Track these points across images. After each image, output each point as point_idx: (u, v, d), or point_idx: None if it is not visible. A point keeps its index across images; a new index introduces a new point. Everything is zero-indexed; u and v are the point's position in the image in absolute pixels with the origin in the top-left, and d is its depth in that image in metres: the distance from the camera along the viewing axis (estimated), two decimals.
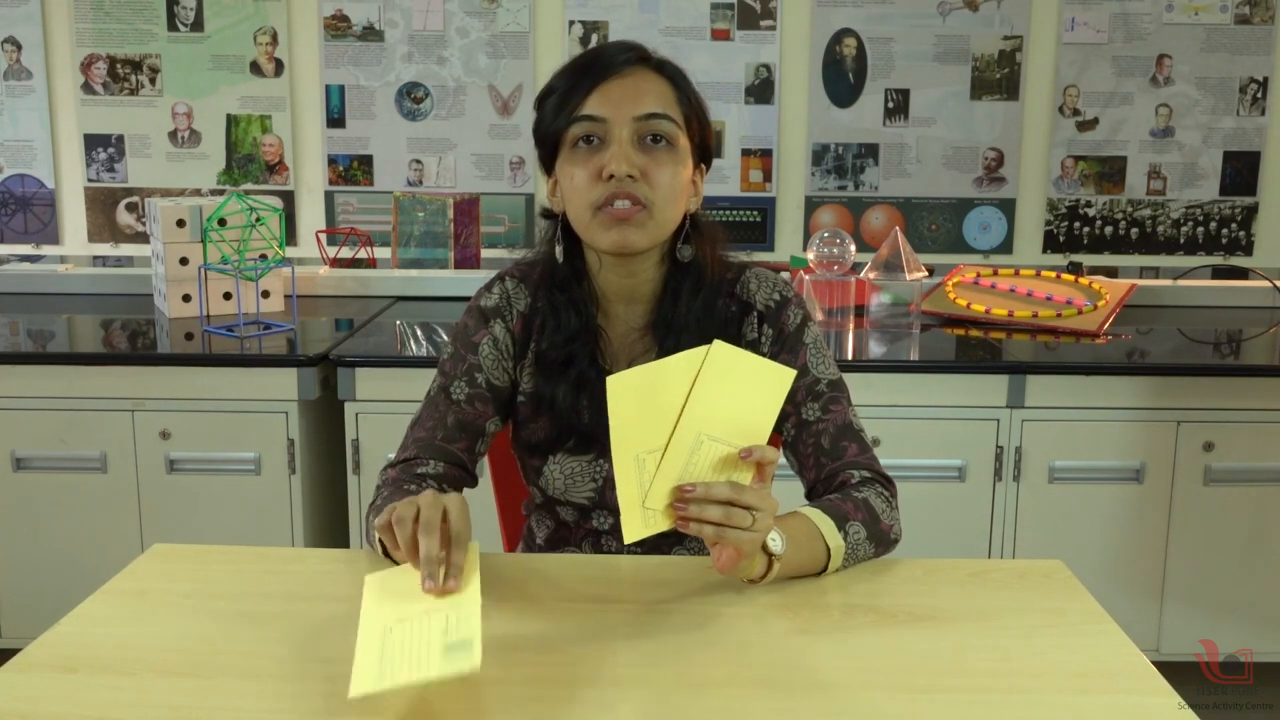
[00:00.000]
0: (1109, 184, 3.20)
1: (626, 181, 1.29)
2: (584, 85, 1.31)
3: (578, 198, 1.32)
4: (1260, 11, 3.09)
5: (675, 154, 1.33)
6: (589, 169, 1.30)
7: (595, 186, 1.30)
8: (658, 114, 1.31)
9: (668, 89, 1.34)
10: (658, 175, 1.31)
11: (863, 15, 3.12)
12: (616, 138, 1.30)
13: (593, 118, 1.30)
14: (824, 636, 1.13)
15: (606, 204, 1.30)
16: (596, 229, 1.32)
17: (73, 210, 3.24)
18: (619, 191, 1.29)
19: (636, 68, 1.33)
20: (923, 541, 2.32)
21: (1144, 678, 1.06)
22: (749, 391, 1.14)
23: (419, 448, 1.40)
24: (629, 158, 1.29)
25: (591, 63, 1.33)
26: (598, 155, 1.30)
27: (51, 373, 2.35)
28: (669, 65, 1.36)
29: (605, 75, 1.31)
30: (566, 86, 1.32)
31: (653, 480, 1.11)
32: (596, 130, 1.30)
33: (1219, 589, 2.44)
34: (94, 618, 1.17)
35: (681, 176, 1.34)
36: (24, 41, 3.15)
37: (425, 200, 2.96)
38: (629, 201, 1.29)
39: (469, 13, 3.13)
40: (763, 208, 3.23)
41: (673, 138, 1.32)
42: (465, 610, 1.02)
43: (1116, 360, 2.47)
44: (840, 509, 1.28)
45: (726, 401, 1.12)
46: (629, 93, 1.31)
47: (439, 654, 0.96)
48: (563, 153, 1.34)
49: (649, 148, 1.31)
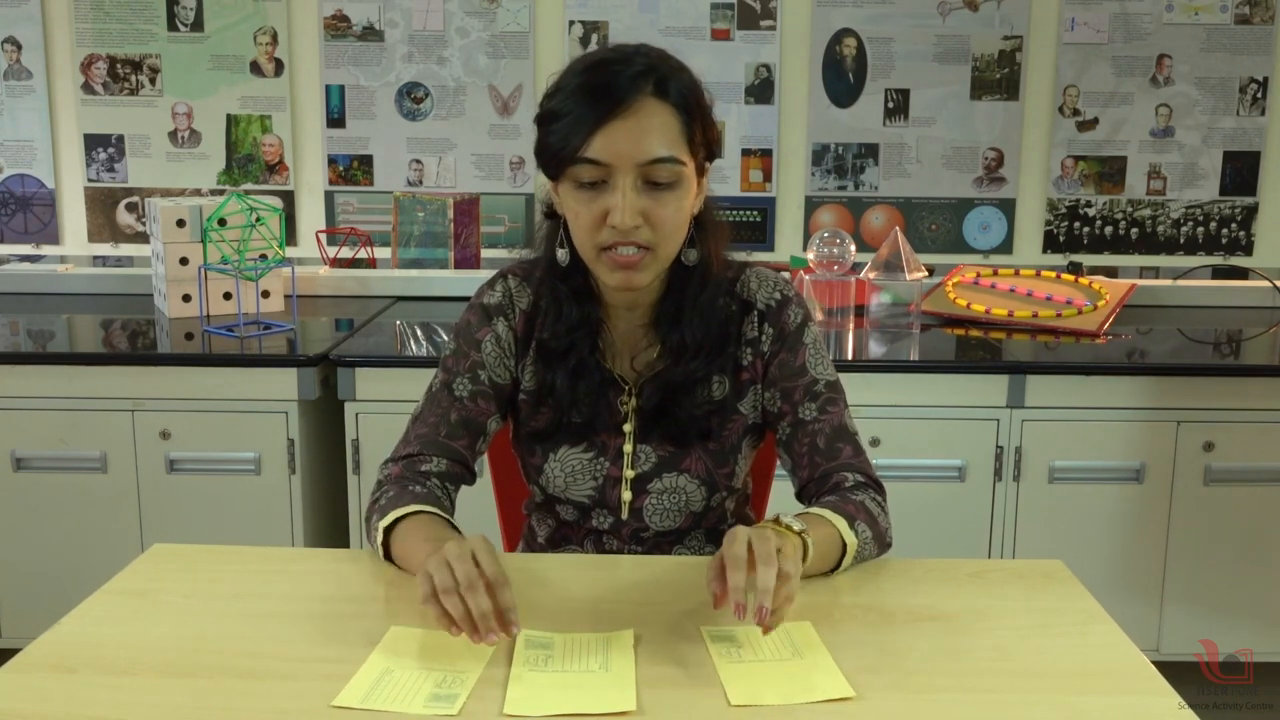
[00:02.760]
0: (1109, 184, 3.20)
1: (630, 231, 1.26)
2: (588, 120, 1.24)
3: (581, 234, 1.30)
4: (1260, 11, 3.09)
5: (679, 190, 1.28)
6: (593, 212, 1.27)
7: (599, 230, 1.27)
8: (662, 158, 1.26)
9: (674, 120, 1.27)
10: (660, 216, 1.27)
11: (863, 15, 3.12)
12: (619, 185, 1.25)
13: (596, 162, 1.25)
14: (824, 636, 1.13)
15: (611, 248, 1.28)
16: (601, 268, 1.31)
17: (73, 210, 3.24)
18: (622, 240, 1.27)
19: (643, 100, 1.25)
20: (923, 541, 2.34)
21: (1144, 678, 1.06)
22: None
23: (422, 444, 1.40)
24: (632, 206, 1.25)
25: (599, 92, 1.25)
26: (601, 198, 1.26)
27: (51, 373, 2.35)
28: (675, 87, 1.27)
29: (610, 113, 1.24)
30: (572, 116, 1.26)
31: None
32: (600, 174, 1.26)
33: (1219, 589, 2.44)
34: (94, 618, 1.18)
35: (685, 208, 1.30)
36: (24, 41, 3.15)
37: (425, 200, 2.96)
38: (633, 248, 1.28)
39: (469, 13, 3.13)
40: (763, 208, 3.23)
41: (676, 178, 1.28)
42: (466, 673, 1.05)
43: (1116, 360, 2.47)
44: (844, 509, 1.29)
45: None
46: (634, 134, 1.24)
47: (424, 699, 1.01)
48: (565, 184, 1.30)
49: (652, 189, 1.27)
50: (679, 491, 1.42)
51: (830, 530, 1.26)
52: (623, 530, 1.44)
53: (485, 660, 1.08)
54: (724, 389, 1.41)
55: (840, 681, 1.03)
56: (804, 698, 1.01)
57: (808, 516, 1.26)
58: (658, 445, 1.41)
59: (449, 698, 1.01)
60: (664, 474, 1.41)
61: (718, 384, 1.41)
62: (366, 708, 0.99)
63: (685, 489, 1.42)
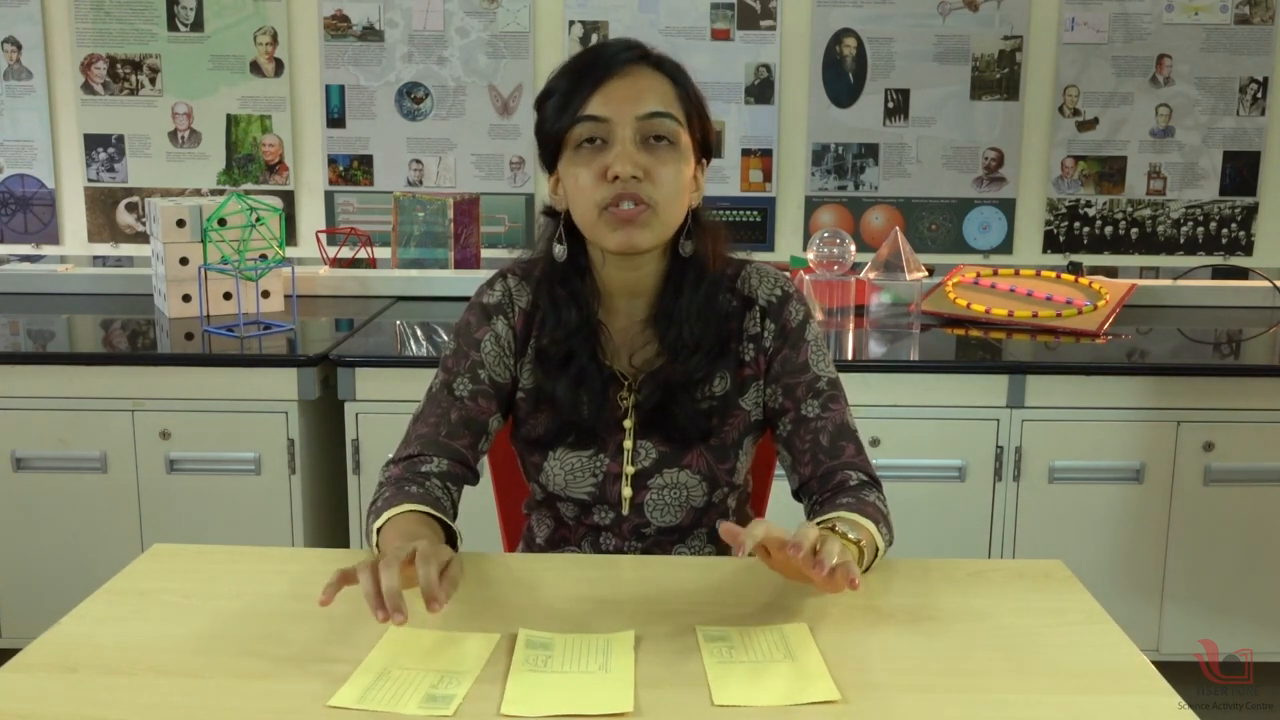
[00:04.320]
0: (1109, 184, 3.20)
1: (631, 182, 1.29)
2: (585, 85, 1.31)
3: (582, 198, 1.32)
4: (1260, 11, 3.09)
5: (678, 152, 1.33)
6: (593, 169, 1.31)
7: (600, 187, 1.30)
8: (660, 113, 1.31)
9: (668, 86, 1.34)
10: (661, 174, 1.31)
11: (863, 15, 3.12)
12: (620, 138, 1.30)
13: (595, 118, 1.30)
14: (824, 636, 1.13)
15: (612, 204, 1.30)
16: (603, 229, 1.33)
17: (73, 210, 3.24)
18: (624, 192, 1.30)
19: (637, 66, 1.33)
20: (923, 541, 2.35)
21: (1144, 678, 1.06)
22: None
23: (422, 444, 1.40)
24: (633, 158, 1.29)
25: (592, 62, 1.33)
26: (601, 156, 1.31)
27: (51, 373, 2.35)
28: (668, 62, 1.36)
29: (606, 75, 1.31)
30: (568, 86, 1.32)
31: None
32: (599, 131, 1.31)
33: (1219, 589, 2.44)
34: (94, 618, 1.18)
35: (684, 174, 1.34)
36: (24, 41, 3.15)
37: (425, 200, 2.96)
38: (634, 202, 1.30)
39: (469, 13, 3.13)
40: (763, 208, 3.23)
41: (675, 136, 1.33)
42: (463, 673, 1.05)
43: (1116, 360, 2.47)
44: (867, 511, 1.29)
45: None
46: (630, 92, 1.31)
47: (420, 699, 1.00)
48: (565, 153, 1.34)
49: (652, 146, 1.31)
50: (680, 487, 1.42)
51: (868, 534, 1.25)
52: (623, 526, 1.44)
53: (483, 661, 1.07)
54: (725, 385, 1.41)
55: (828, 684, 1.03)
56: (789, 700, 1.01)
57: (849, 522, 1.25)
58: (658, 441, 1.41)
59: (445, 698, 1.00)
60: (664, 469, 1.41)
61: (719, 380, 1.41)
62: (363, 708, 0.99)
63: (686, 484, 1.42)
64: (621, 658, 1.07)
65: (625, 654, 1.08)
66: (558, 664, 1.07)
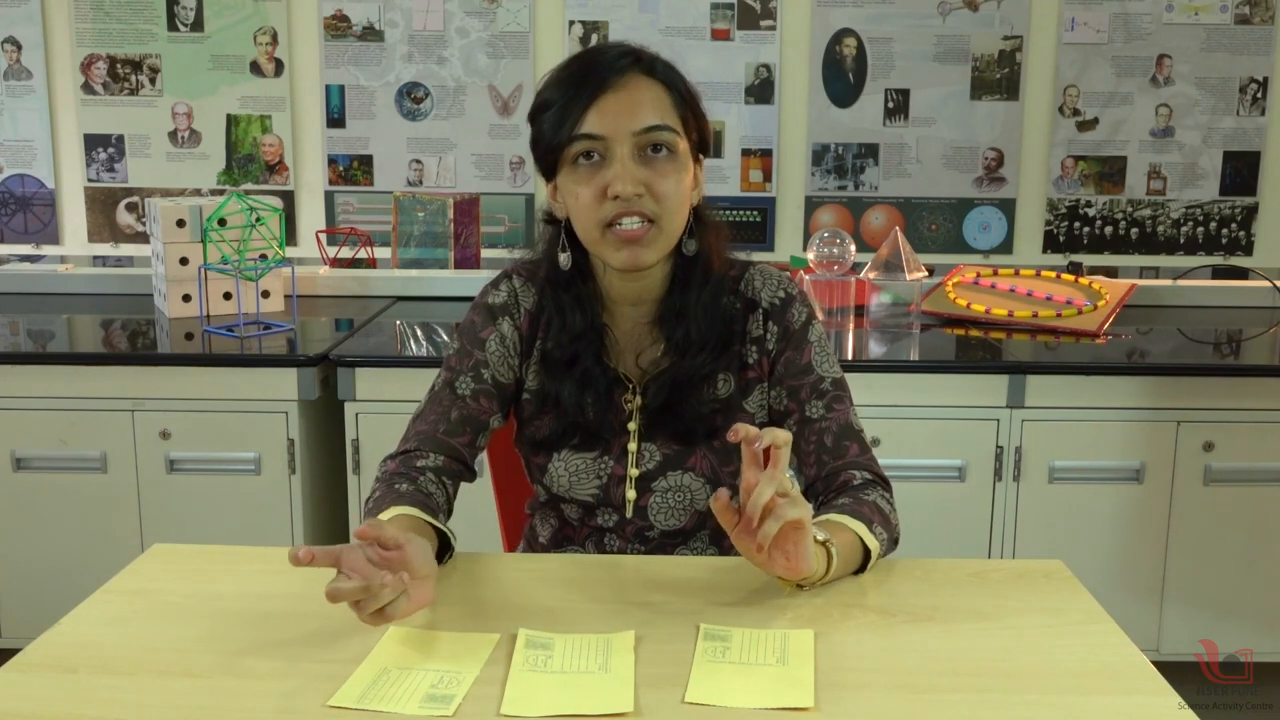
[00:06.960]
0: (1109, 184, 3.20)
1: (633, 199, 1.28)
2: (580, 100, 1.29)
3: (584, 215, 1.31)
4: (1260, 11, 3.09)
5: (676, 160, 1.32)
6: (593, 187, 1.29)
7: (601, 205, 1.29)
8: (656, 125, 1.30)
9: (663, 94, 1.32)
10: (662, 187, 1.30)
11: (863, 15, 3.12)
12: (618, 155, 1.28)
13: (592, 136, 1.29)
14: (824, 636, 1.13)
15: (614, 222, 1.30)
16: (606, 248, 1.32)
17: (73, 210, 3.24)
18: (626, 210, 1.29)
19: (631, 76, 1.31)
20: (923, 541, 2.34)
21: (1144, 678, 1.06)
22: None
23: (419, 440, 1.40)
24: (633, 175, 1.28)
25: (585, 74, 1.31)
26: (600, 173, 1.29)
27: (51, 373, 2.35)
28: (661, 65, 1.34)
29: (601, 89, 1.29)
30: (563, 100, 1.30)
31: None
32: (596, 147, 1.29)
33: (1219, 589, 2.44)
34: (94, 618, 1.17)
35: (685, 183, 1.33)
36: (24, 41, 3.15)
37: (425, 200, 2.96)
38: (637, 219, 1.29)
39: (469, 13, 3.13)
40: (763, 208, 3.23)
41: (673, 145, 1.31)
42: (463, 673, 1.05)
43: (1116, 360, 2.47)
44: (860, 512, 1.28)
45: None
46: (626, 105, 1.29)
47: (420, 699, 1.00)
48: (563, 169, 1.33)
49: (650, 158, 1.30)
50: (684, 490, 1.42)
51: (850, 536, 1.25)
52: (627, 529, 1.44)
53: (483, 661, 1.07)
54: (729, 387, 1.41)
55: (805, 692, 1.01)
56: (759, 703, 1.00)
57: (828, 524, 1.25)
58: (662, 444, 1.41)
59: (445, 698, 1.00)
60: (668, 472, 1.41)
61: (723, 382, 1.41)
62: (363, 708, 0.99)
63: (690, 487, 1.42)
64: (622, 658, 1.07)
65: (625, 654, 1.08)
66: (558, 664, 1.07)
